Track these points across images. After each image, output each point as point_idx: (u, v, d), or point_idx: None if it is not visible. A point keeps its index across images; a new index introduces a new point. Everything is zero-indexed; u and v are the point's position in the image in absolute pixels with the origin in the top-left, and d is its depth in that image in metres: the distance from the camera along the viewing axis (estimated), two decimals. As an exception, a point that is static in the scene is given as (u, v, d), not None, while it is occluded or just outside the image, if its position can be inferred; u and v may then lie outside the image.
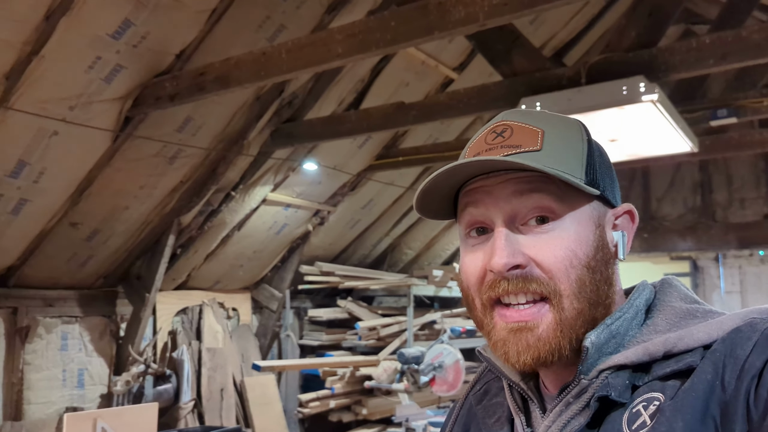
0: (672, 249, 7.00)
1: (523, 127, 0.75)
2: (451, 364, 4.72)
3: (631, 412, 0.68)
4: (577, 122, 0.80)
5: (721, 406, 0.63)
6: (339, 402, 5.69)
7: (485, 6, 2.58)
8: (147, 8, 3.22)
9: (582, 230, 0.73)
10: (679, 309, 0.74)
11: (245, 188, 4.88)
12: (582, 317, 0.72)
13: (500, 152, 0.74)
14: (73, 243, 4.26)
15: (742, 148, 4.88)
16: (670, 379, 0.68)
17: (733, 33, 3.04)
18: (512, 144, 0.74)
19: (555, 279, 0.71)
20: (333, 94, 4.63)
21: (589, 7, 5.53)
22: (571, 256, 0.71)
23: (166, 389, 4.78)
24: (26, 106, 3.29)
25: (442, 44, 4.81)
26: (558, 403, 0.74)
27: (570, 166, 0.73)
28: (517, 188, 0.73)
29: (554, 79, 3.30)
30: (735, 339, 0.66)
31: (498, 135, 0.76)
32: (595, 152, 0.77)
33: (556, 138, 0.75)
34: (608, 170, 0.79)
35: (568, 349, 0.72)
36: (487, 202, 0.74)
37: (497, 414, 0.83)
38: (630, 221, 0.80)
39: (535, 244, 0.72)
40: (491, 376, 0.89)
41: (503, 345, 0.73)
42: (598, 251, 0.74)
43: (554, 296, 0.71)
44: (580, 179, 0.73)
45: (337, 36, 2.95)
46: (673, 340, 0.69)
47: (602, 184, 0.76)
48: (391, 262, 7.17)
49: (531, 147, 0.73)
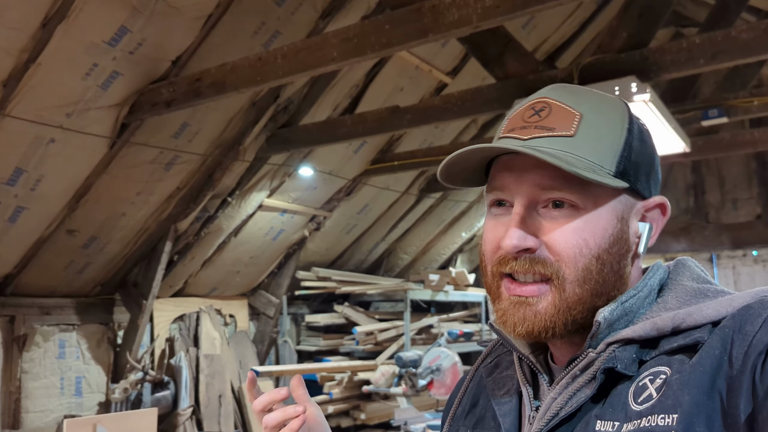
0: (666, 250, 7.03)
1: (561, 108, 0.74)
2: (449, 367, 4.73)
3: (637, 386, 0.69)
4: (621, 106, 0.77)
5: (727, 381, 0.63)
6: (337, 407, 5.68)
7: (478, 8, 2.62)
8: (143, 15, 3.25)
9: (600, 221, 0.73)
10: (690, 288, 0.75)
11: (241, 194, 4.90)
12: (582, 304, 0.73)
13: (533, 132, 0.73)
14: (70, 250, 4.27)
15: (733, 149, 4.92)
16: (678, 354, 0.68)
17: (722, 33, 3.08)
18: (546, 125, 0.73)
19: (562, 263, 0.72)
20: (328, 99, 4.65)
21: (581, 11, 5.58)
22: (582, 244, 0.72)
23: (164, 396, 4.77)
24: (23, 113, 3.30)
25: (436, 49, 4.85)
26: (565, 376, 0.75)
27: (601, 156, 0.72)
28: (542, 174, 0.72)
29: (547, 80, 3.33)
30: (745, 316, 0.66)
31: (535, 113, 0.75)
32: (634, 140, 0.75)
33: (593, 124, 0.73)
34: (647, 159, 0.77)
35: (562, 328, 0.73)
36: (510, 183, 0.75)
37: (507, 386, 0.84)
38: (661, 214, 0.79)
39: (549, 227, 0.73)
40: (503, 350, 0.90)
41: (503, 314, 0.75)
42: (613, 245, 0.73)
43: (558, 279, 0.72)
44: (609, 171, 0.72)
45: (332, 40, 2.98)
46: (682, 316, 0.69)
47: (635, 176, 0.74)
48: (387, 267, 7.18)
49: (564, 132, 0.72)
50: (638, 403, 0.67)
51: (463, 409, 0.90)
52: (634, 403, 0.68)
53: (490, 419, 0.83)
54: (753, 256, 7.05)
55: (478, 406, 0.88)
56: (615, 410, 0.69)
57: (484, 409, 0.86)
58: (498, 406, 0.82)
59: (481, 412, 0.87)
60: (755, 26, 3.02)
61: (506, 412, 0.81)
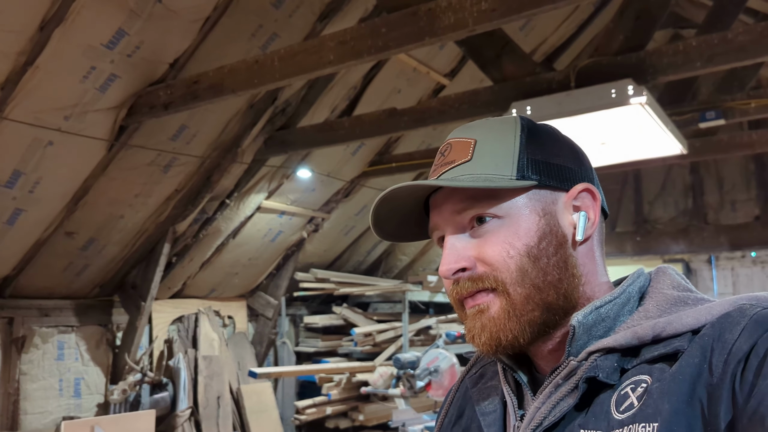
0: (665, 252, 7.04)
1: (459, 142, 0.82)
2: (447, 369, 4.73)
3: (619, 394, 0.70)
4: (511, 120, 0.83)
5: (708, 389, 0.64)
6: (336, 408, 5.69)
7: (474, 12, 2.62)
8: (141, 18, 3.25)
9: (521, 223, 0.77)
10: (670, 296, 0.76)
11: (240, 196, 4.90)
12: (531, 301, 0.75)
13: (440, 170, 0.81)
14: (68, 252, 4.27)
15: (731, 150, 4.92)
16: (658, 363, 0.69)
17: (719, 35, 3.08)
18: (449, 161, 0.81)
19: (497, 271, 0.76)
20: (326, 101, 4.66)
21: (578, 13, 5.59)
22: (507, 248, 0.76)
23: (162, 397, 4.78)
24: (21, 116, 3.31)
25: (433, 51, 4.86)
26: (548, 385, 0.76)
27: (498, 167, 0.78)
28: (453, 201, 0.79)
29: (544, 83, 3.34)
30: (724, 324, 0.67)
31: (441, 154, 0.83)
32: (530, 144, 0.79)
33: (486, 143, 0.80)
34: (552, 155, 0.80)
35: (526, 332, 0.75)
36: (437, 220, 0.81)
37: (491, 397, 0.85)
38: (592, 199, 0.80)
39: (477, 244, 0.78)
40: (487, 360, 0.91)
41: (468, 331, 0.79)
42: (541, 240, 0.76)
43: (499, 286, 0.76)
44: (510, 176, 0.77)
45: (329, 43, 2.98)
46: (662, 325, 0.70)
47: (540, 173, 0.78)
48: (385, 269, 7.19)
49: (463, 159, 0.79)
50: (620, 412, 0.68)
51: (450, 420, 0.91)
52: (616, 412, 0.69)
53: (476, 430, 0.84)
54: (751, 258, 7.05)
55: (464, 417, 0.89)
56: (598, 419, 0.70)
57: (469, 420, 0.87)
58: (483, 417, 0.83)
59: (466, 422, 0.88)
60: (752, 29, 3.02)
61: (491, 422, 0.82)
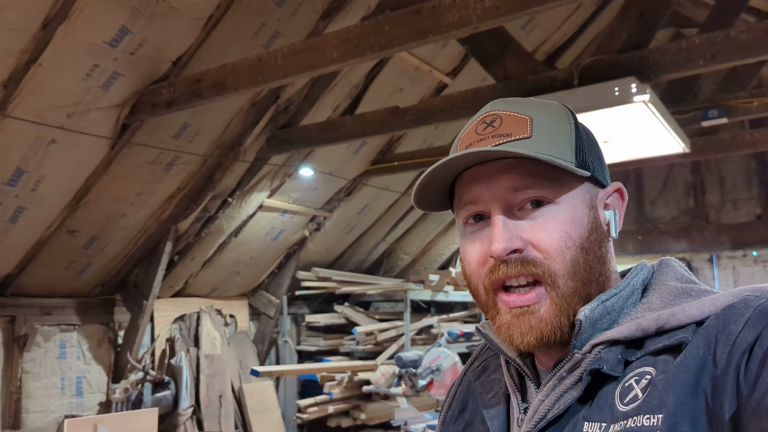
0: (666, 251, 7.03)
1: (511, 116, 0.77)
2: (449, 367, 4.73)
3: (623, 386, 0.69)
4: (562, 107, 0.81)
5: (712, 380, 0.64)
6: (337, 407, 5.69)
7: (478, 9, 2.62)
8: (144, 16, 3.25)
9: (576, 212, 0.75)
10: (674, 288, 0.76)
11: (242, 194, 4.90)
12: (577, 295, 0.74)
13: (492, 142, 0.76)
14: (70, 251, 4.27)
15: (733, 149, 4.93)
16: (663, 354, 0.69)
17: (722, 34, 3.08)
18: (503, 133, 0.76)
19: (551, 259, 0.73)
20: (328, 99, 4.66)
21: (581, 11, 5.59)
22: (566, 237, 0.74)
23: (164, 396, 4.78)
24: (24, 113, 3.31)
25: (436, 49, 4.86)
26: (552, 377, 0.76)
27: (560, 150, 0.75)
28: (512, 177, 0.74)
29: (547, 81, 3.34)
30: (728, 315, 0.67)
31: (488, 125, 0.78)
32: (582, 135, 0.79)
33: (544, 124, 0.77)
34: (596, 151, 0.81)
35: (567, 325, 0.74)
36: (483, 192, 0.76)
37: (494, 390, 0.85)
38: (620, 199, 0.82)
39: (531, 227, 0.74)
40: (490, 353, 0.91)
41: (507, 329, 0.76)
42: (592, 232, 0.76)
43: (550, 277, 0.73)
44: (571, 162, 0.75)
45: (332, 41, 2.98)
46: (666, 317, 0.70)
47: (592, 166, 0.78)
48: (387, 267, 7.19)
49: (521, 135, 0.75)
50: (624, 404, 0.68)
51: (453, 414, 0.91)
52: (620, 404, 0.69)
53: (479, 423, 0.84)
54: (753, 257, 7.05)
55: (467, 411, 0.89)
56: (602, 411, 0.70)
57: (472, 413, 0.87)
58: (486, 410, 0.83)
59: (470, 416, 0.87)
60: (755, 27, 3.02)
61: (494, 416, 0.82)
